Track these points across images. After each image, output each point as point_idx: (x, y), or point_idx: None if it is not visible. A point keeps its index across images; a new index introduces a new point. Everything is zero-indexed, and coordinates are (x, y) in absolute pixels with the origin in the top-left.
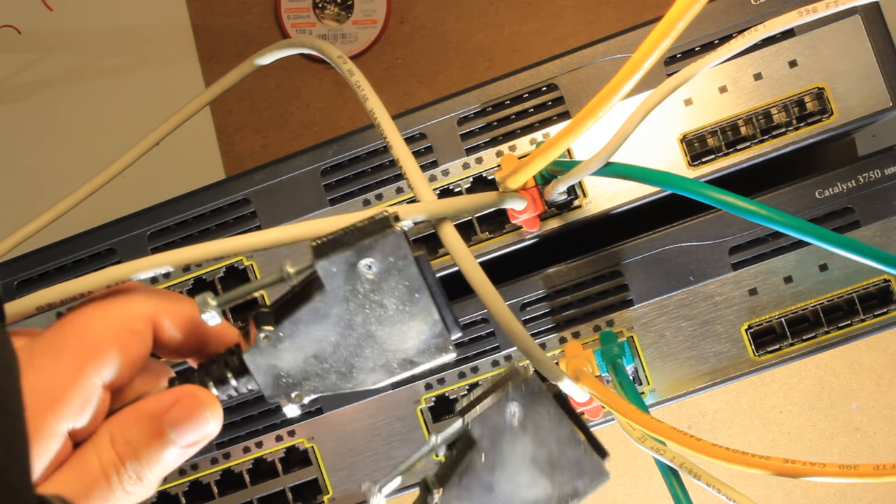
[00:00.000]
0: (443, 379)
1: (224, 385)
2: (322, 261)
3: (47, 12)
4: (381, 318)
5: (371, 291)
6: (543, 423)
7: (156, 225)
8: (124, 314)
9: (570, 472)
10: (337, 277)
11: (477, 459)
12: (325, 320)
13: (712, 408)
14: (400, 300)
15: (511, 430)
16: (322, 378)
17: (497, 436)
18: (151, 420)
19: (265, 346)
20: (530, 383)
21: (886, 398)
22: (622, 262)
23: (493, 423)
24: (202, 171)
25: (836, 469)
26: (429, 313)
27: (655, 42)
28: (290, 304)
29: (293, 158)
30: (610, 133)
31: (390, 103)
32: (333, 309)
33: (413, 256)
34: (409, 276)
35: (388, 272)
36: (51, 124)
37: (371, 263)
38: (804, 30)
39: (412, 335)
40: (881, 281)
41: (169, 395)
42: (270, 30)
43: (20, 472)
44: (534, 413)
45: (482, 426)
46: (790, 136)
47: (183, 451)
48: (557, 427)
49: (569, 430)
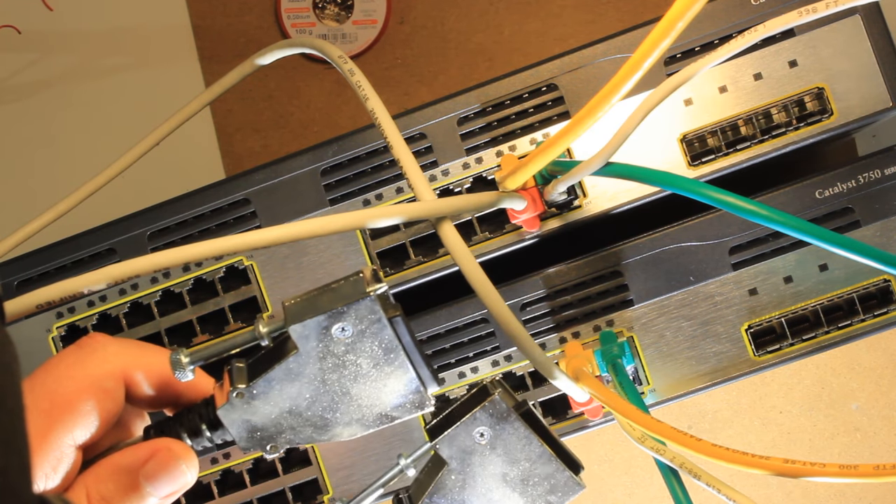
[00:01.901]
0: (443, 379)
1: (199, 437)
2: (295, 325)
3: (47, 12)
4: (355, 377)
5: (345, 352)
6: (513, 442)
7: (156, 225)
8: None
9: (543, 488)
10: (310, 340)
11: (447, 479)
12: (298, 379)
13: (712, 408)
14: (375, 360)
15: (480, 451)
16: (297, 431)
17: (466, 456)
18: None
19: (238, 403)
20: (497, 405)
21: (886, 398)
22: (622, 262)
23: (462, 445)
24: (202, 171)
25: (836, 469)
26: (404, 371)
27: (655, 42)
28: (264, 362)
29: (293, 158)
30: (610, 133)
31: (390, 103)
32: (307, 368)
33: (387, 319)
34: (383, 338)
35: (361, 335)
36: (51, 124)
37: (344, 327)
38: (804, 30)
39: (388, 392)
40: (881, 281)
41: (144, 449)
42: (270, 30)
43: (20, 472)
44: (503, 433)
45: (450, 447)
46: (790, 136)
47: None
48: (527, 446)
49: (539, 449)
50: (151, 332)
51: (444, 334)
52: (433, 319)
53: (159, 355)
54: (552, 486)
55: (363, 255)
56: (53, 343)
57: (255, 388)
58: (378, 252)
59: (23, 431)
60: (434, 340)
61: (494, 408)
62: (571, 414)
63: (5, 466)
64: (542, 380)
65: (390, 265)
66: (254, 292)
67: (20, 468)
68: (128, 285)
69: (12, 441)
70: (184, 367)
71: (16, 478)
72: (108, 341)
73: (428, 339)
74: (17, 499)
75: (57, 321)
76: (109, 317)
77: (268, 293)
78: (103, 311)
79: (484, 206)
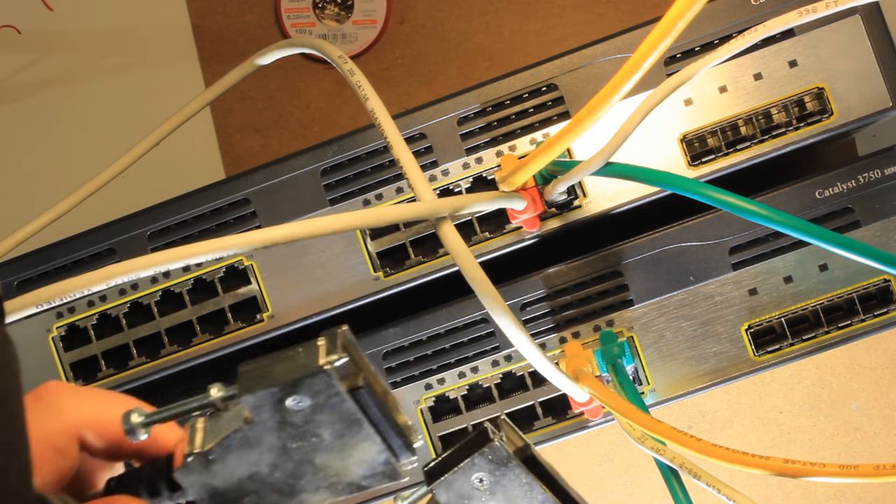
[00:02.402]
0: (443, 379)
1: (158, 497)
2: (246, 395)
3: (47, 12)
4: (317, 447)
5: (304, 423)
6: (514, 489)
7: (156, 225)
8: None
9: None
10: (264, 410)
11: None
12: (256, 446)
13: (712, 408)
14: (337, 431)
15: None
16: (261, 496)
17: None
18: None
19: (196, 466)
20: (496, 451)
21: (886, 398)
22: (622, 262)
23: (460, 490)
24: (202, 171)
25: (836, 469)
26: (371, 443)
27: (655, 42)
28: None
29: (293, 158)
30: (610, 133)
31: (390, 103)
32: (264, 437)
33: (347, 393)
34: (344, 410)
35: (319, 408)
36: (51, 124)
37: (299, 399)
38: (804, 30)
39: (356, 462)
40: (881, 281)
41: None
42: (270, 30)
43: (20, 472)
44: (503, 479)
45: (448, 493)
46: (790, 136)
47: None
48: (529, 493)
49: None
50: (151, 332)
51: (444, 334)
52: (433, 319)
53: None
54: None
55: (363, 255)
56: (53, 343)
57: (211, 454)
58: (378, 252)
59: (23, 432)
60: (434, 340)
61: (494, 453)
62: (571, 414)
63: (5, 467)
64: (542, 380)
65: (390, 265)
66: (254, 292)
67: (20, 469)
68: (128, 285)
69: (13, 442)
70: (135, 431)
71: (16, 478)
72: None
73: (428, 339)
74: (18, 499)
75: (57, 321)
76: (109, 317)
77: (268, 293)
78: (103, 311)
79: (484, 206)
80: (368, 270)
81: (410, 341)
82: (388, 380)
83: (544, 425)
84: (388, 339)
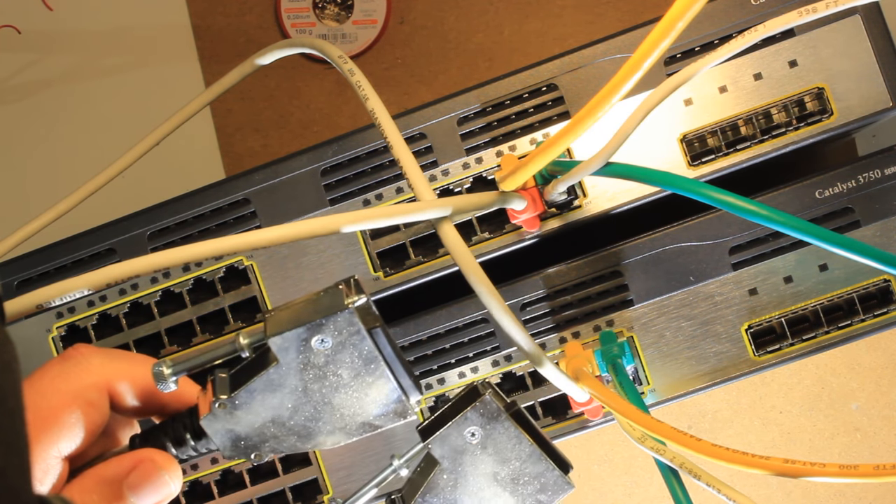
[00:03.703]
0: (443, 379)
1: (183, 446)
2: (275, 336)
3: (47, 12)
4: (336, 387)
5: (325, 363)
6: (503, 442)
7: (156, 225)
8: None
9: (533, 487)
10: (290, 352)
11: (439, 478)
12: (280, 389)
13: (712, 408)
14: (355, 370)
15: (472, 451)
16: (280, 440)
17: (458, 456)
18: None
19: (221, 413)
20: (488, 405)
21: (886, 398)
22: (622, 262)
23: (454, 444)
24: (202, 171)
25: (836, 469)
26: (386, 381)
27: (655, 42)
28: (246, 372)
29: (293, 158)
30: (610, 133)
31: (390, 103)
32: (288, 379)
33: (366, 331)
34: (363, 349)
35: (341, 346)
36: (51, 124)
37: (323, 339)
38: (804, 30)
39: (370, 401)
40: (881, 281)
41: (128, 460)
42: (270, 30)
43: (20, 472)
44: (493, 433)
45: (442, 447)
46: (790, 136)
47: None
48: (518, 445)
49: (529, 448)
50: (151, 332)
51: (444, 334)
52: (433, 319)
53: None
54: (542, 485)
55: (363, 255)
56: (53, 343)
57: (237, 399)
58: (378, 252)
59: (23, 432)
60: (434, 340)
61: (485, 408)
62: (571, 414)
63: (5, 467)
64: (542, 380)
65: (390, 265)
66: (254, 292)
67: (20, 468)
68: (128, 285)
69: (13, 442)
70: (166, 379)
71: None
72: (92, 353)
73: (428, 339)
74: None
75: (57, 321)
76: (109, 317)
77: (268, 293)
78: (103, 311)
79: (484, 207)
80: (368, 270)
81: (410, 341)
82: None
83: (544, 425)
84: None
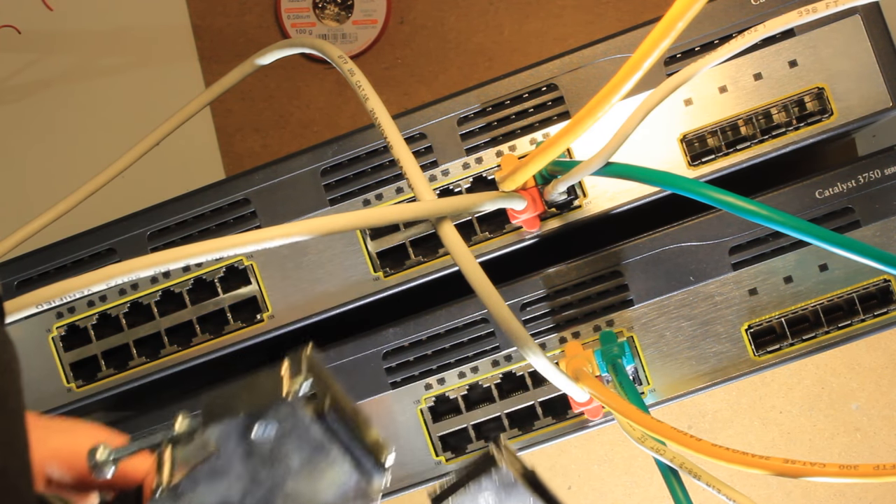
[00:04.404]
0: (443, 379)
1: None
2: (211, 426)
3: (47, 12)
4: (287, 474)
5: (271, 451)
6: None
7: (156, 225)
8: None
9: None
10: (230, 440)
11: None
12: (225, 476)
13: (712, 408)
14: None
15: None
16: None
17: None
18: None
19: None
20: (503, 474)
21: (886, 398)
22: (622, 262)
23: None
24: (202, 171)
25: (836, 469)
26: (341, 465)
27: (655, 42)
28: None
29: (293, 158)
30: (610, 133)
31: (390, 103)
32: (232, 466)
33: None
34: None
35: (286, 435)
36: (51, 124)
37: (265, 428)
38: (804, 30)
39: (327, 485)
40: (881, 281)
41: None
42: (270, 30)
43: (20, 472)
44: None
45: None
46: (790, 136)
47: None
48: None
49: None
50: (151, 332)
51: (444, 334)
52: (433, 319)
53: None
54: None
55: (363, 255)
56: (53, 343)
57: (179, 487)
58: (378, 252)
59: (23, 432)
60: (434, 340)
61: (500, 476)
62: (571, 414)
63: (5, 467)
64: (542, 380)
65: (390, 265)
66: (254, 292)
67: (20, 469)
68: (128, 285)
69: (13, 442)
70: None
71: (16, 478)
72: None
73: (428, 339)
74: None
75: (57, 321)
76: (109, 317)
77: (268, 293)
78: (103, 311)
79: (484, 206)
80: (368, 270)
81: (410, 341)
82: (388, 379)
83: (544, 425)
84: (388, 339)
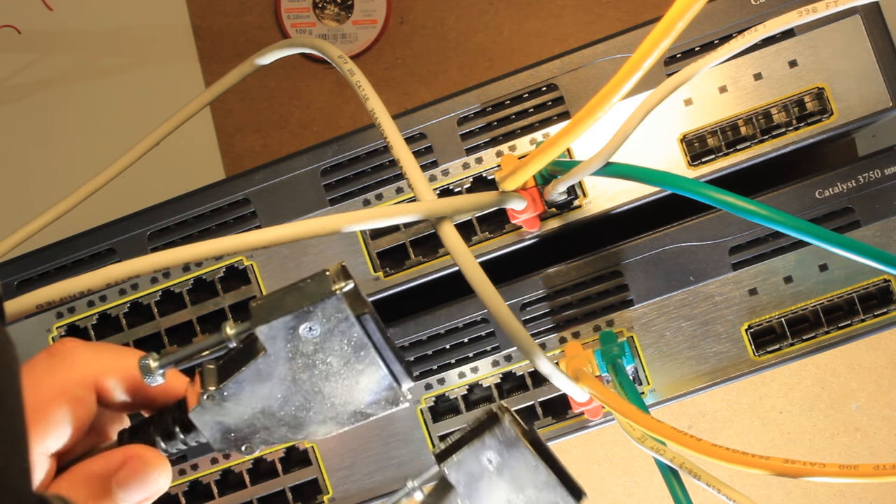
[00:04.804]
0: (443, 379)
1: (172, 440)
2: (261, 326)
3: (47, 12)
4: (327, 375)
5: (314, 351)
6: (520, 468)
7: (156, 225)
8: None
9: None
10: (277, 341)
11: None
12: (269, 379)
13: (712, 408)
14: (345, 358)
15: (488, 476)
16: (271, 432)
17: (474, 481)
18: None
19: (210, 405)
20: (506, 432)
21: (886, 398)
22: (622, 262)
23: (470, 469)
24: (202, 171)
25: (836, 469)
26: (376, 368)
27: (655, 42)
28: (233, 363)
29: (293, 158)
30: (610, 133)
31: (390, 103)
32: (277, 369)
33: (355, 317)
34: (352, 336)
35: (330, 334)
36: (51, 124)
37: (311, 327)
38: (804, 30)
39: (361, 389)
40: (881, 281)
41: (117, 456)
42: (270, 30)
43: (20, 472)
44: (510, 459)
45: (458, 472)
46: (790, 136)
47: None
48: (534, 473)
49: (545, 476)
50: (151, 332)
51: (444, 334)
52: (433, 319)
53: (130, 359)
54: None
55: (363, 255)
56: (53, 343)
57: (225, 390)
58: (378, 252)
59: (23, 432)
60: (434, 340)
61: (504, 434)
62: (571, 414)
63: (5, 466)
64: (542, 380)
65: (390, 265)
66: (254, 292)
67: (20, 468)
68: (128, 285)
69: (13, 441)
70: (153, 372)
71: (16, 477)
72: (79, 347)
73: (428, 339)
74: (17, 498)
75: (57, 321)
76: (109, 317)
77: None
78: (103, 311)
79: (484, 207)
80: (368, 270)
81: (410, 341)
82: None
83: (544, 425)
84: None
